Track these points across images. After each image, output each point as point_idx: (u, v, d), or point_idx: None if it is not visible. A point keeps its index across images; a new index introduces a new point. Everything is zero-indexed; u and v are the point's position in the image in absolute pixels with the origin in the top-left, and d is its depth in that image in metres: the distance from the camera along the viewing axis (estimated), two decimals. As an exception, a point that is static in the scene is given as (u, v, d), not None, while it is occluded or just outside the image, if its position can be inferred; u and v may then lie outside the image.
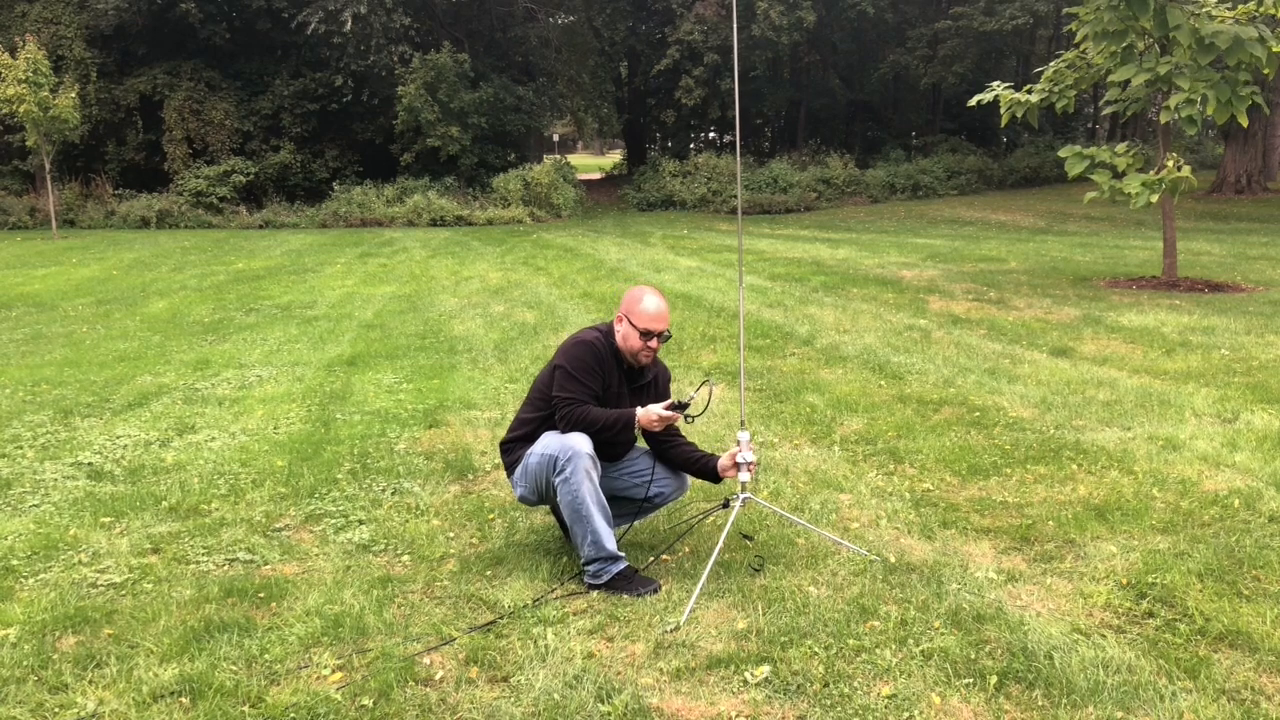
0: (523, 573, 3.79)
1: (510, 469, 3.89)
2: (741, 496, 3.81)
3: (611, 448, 3.86)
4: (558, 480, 3.63)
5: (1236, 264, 13.28)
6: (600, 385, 3.75)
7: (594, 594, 3.58)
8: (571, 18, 32.34)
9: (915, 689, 2.89)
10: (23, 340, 9.36)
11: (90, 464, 5.35)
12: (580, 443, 3.62)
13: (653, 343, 3.76)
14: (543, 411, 3.81)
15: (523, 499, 3.87)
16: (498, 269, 14.69)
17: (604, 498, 3.68)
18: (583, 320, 9.78)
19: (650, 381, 3.95)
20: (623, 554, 3.67)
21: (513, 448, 3.88)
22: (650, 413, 3.69)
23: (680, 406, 3.70)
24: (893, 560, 3.80)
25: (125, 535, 4.28)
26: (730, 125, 34.98)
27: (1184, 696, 2.82)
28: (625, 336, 3.78)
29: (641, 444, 4.04)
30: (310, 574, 3.84)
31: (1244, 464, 4.83)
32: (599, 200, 30.74)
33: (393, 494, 4.78)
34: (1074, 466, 4.89)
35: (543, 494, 3.78)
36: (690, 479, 4.10)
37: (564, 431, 3.69)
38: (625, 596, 3.55)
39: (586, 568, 3.65)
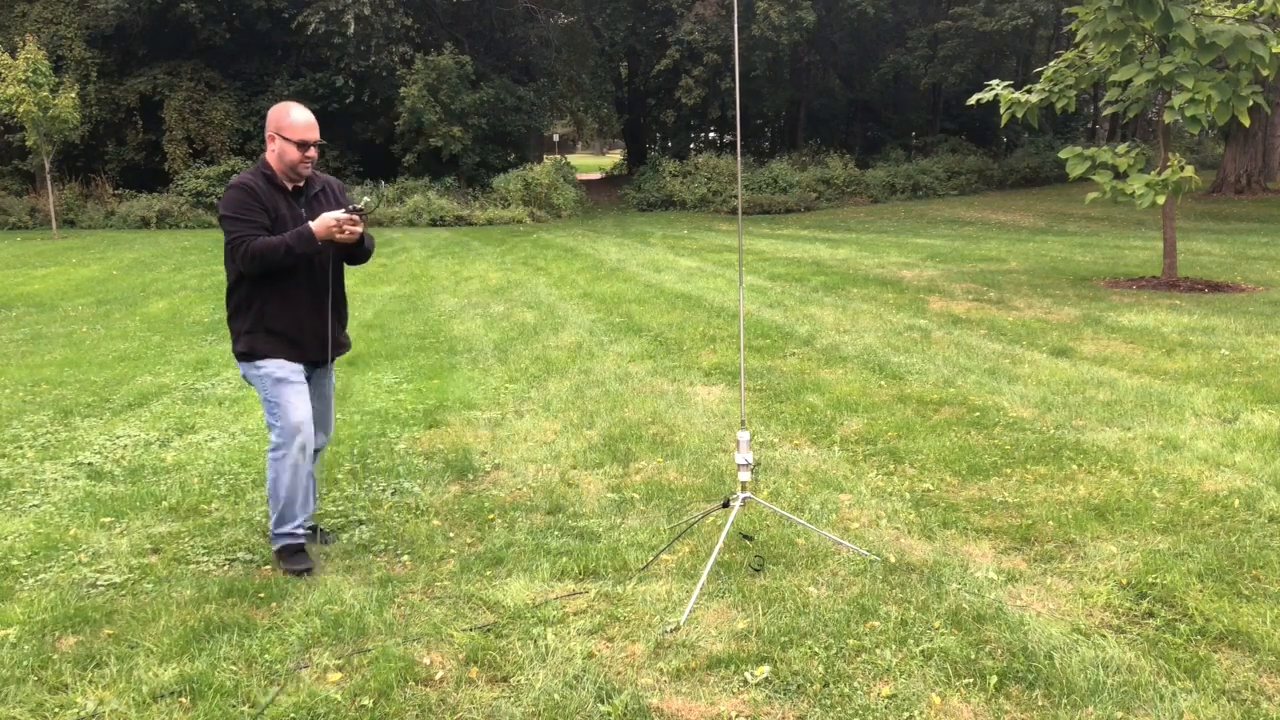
0: (523, 573, 3.79)
1: (235, 339, 3.96)
2: (741, 496, 3.81)
3: (324, 280, 3.89)
4: (271, 455, 3.81)
5: (1236, 264, 13.28)
6: (266, 216, 3.74)
7: (594, 594, 3.58)
8: (571, 18, 32.38)
9: (915, 689, 2.89)
10: (23, 340, 9.36)
11: (90, 464, 5.35)
12: (301, 422, 3.76)
13: (310, 152, 3.76)
14: (231, 278, 3.87)
15: (245, 376, 3.99)
16: (498, 269, 14.69)
17: (309, 479, 3.87)
18: (582, 319, 9.79)
19: (320, 191, 3.95)
20: (303, 535, 3.91)
21: (232, 324, 3.98)
22: (327, 220, 3.70)
23: (355, 210, 3.75)
24: (893, 560, 3.80)
25: (125, 535, 4.28)
26: (730, 125, 34.98)
27: (1184, 696, 2.82)
28: (281, 153, 3.76)
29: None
30: (310, 574, 3.84)
31: (1244, 464, 4.83)
32: (599, 200, 30.74)
33: (393, 494, 4.78)
34: (1074, 466, 4.89)
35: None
36: (327, 437, 4.19)
37: (246, 270, 3.72)
38: (282, 565, 3.83)
39: (271, 529, 3.92)
